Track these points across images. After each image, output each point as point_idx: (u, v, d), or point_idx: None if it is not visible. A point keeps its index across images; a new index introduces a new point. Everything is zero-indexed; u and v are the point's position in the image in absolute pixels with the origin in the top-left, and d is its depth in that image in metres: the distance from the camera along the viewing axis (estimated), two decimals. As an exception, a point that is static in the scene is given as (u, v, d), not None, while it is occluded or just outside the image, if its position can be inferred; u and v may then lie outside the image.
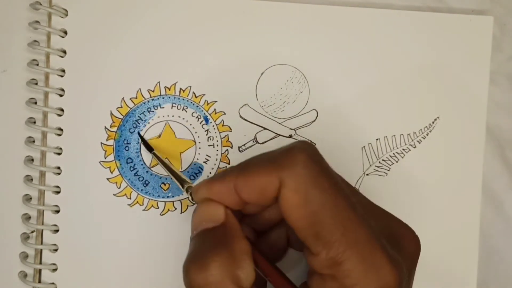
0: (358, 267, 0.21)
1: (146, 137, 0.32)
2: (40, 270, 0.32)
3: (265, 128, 0.32)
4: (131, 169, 0.32)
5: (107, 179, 0.32)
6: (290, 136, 0.32)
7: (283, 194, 0.22)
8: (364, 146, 0.32)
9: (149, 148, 0.31)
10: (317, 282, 0.23)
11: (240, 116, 0.32)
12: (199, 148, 0.32)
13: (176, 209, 0.32)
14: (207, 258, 0.22)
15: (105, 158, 0.32)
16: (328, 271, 0.22)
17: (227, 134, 0.32)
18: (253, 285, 0.23)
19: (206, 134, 0.32)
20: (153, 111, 0.32)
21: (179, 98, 0.32)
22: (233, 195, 0.24)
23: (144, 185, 0.32)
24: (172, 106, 0.32)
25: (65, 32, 0.32)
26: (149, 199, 0.32)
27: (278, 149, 0.24)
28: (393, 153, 0.32)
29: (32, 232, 0.32)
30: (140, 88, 0.32)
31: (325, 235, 0.21)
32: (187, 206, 0.32)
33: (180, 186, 0.28)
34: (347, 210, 0.22)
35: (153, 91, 0.32)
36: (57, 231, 0.32)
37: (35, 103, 0.32)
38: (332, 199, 0.22)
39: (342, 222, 0.22)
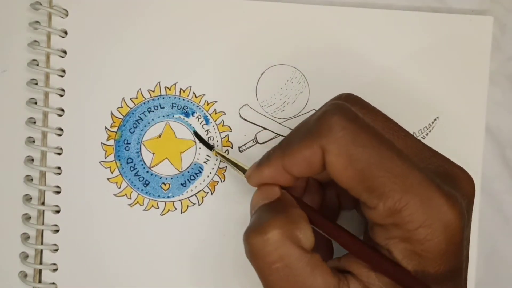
0: (418, 210, 0.21)
1: (146, 137, 0.32)
2: (40, 270, 0.32)
3: (265, 128, 0.32)
4: (131, 169, 0.32)
5: (108, 179, 0.32)
6: (290, 137, 0.32)
7: (328, 161, 0.22)
8: (364, 146, 0.32)
9: (209, 147, 0.31)
10: (380, 233, 0.23)
11: (240, 116, 0.32)
12: (199, 148, 0.32)
13: (176, 209, 0.32)
14: (265, 223, 0.23)
15: (106, 158, 0.32)
16: (390, 221, 0.22)
17: (227, 134, 0.32)
18: (314, 248, 0.23)
19: (207, 134, 0.32)
20: (153, 111, 0.32)
21: (179, 98, 0.32)
22: (284, 175, 0.24)
23: (145, 185, 0.32)
24: (173, 106, 0.32)
25: (66, 32, 0.32)
26: (149, 199, 0.32)
27: (312, 117, 0.24)
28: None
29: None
30: (140, 88, 0.32)
31: (378, 187, 0.22)
32: (187, 206, 0.32)
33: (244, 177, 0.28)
34: (393, 159, 0.22)
35: (153, 91, 0.32)
36: (57, 231, 0.32)
37: (35, 103, 0.32)
38: (376, 152, 0.22)
39: (391, 171, 0.22)
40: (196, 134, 0.32)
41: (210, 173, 0.32)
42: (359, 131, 0.22)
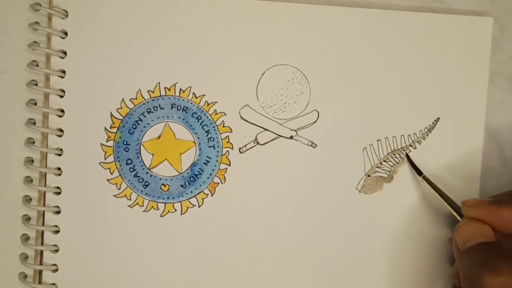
0: None
1: (145, 138, 0.32)
2: (40, 271, 0.32)
3: (266, 129, 0.32)
4: (131, 170, 0.32)
5: (107, 180, 0.32)
6: (291, 137, 0.32)
7: None
8: (365, 147, 0.32)
9: (419, 172, 0.32)
10: None
11: (241, 117, 0.32)
12: (199, 149, 0.32)
13: (176, 210, 0.32)
14: (499, 266, 0.24)
15: (105, 159, 0.32)
16: None
17: (228, 135, 0.32)
18: None
19: (207, 135, 0.32)
20: (152, 112, 0.32)
21: (179, 99, 0.32)
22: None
23: (144, 186, 0.32)
24: (172, 106, 0.32)
25: (66, 33, 0.31)
26: (149, 200, 0.32)
27: None
28: (394, 154, 0.32)
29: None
30: (140, 89, 0.32)
31: None
32: (187, 207, 0.32)
33: (456, 214, 0.29)
34: None
35: (153, 92, 0.32)
36: (58, 231, 0.31)
37: (35, 104, 0.32)
38: None
39: None
40: (407, 157, 0.32)
41: (211, 174, 0.32)
42: None
